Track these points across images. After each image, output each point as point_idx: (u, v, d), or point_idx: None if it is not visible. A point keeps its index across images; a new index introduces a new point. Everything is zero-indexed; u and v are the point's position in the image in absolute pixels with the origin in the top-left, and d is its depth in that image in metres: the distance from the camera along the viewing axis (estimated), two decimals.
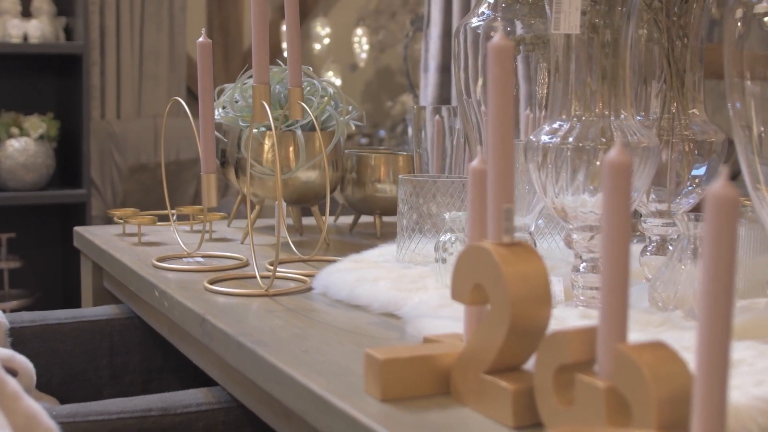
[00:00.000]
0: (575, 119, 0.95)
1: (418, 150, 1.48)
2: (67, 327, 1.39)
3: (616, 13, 0.92)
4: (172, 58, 4.42)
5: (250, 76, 1.49)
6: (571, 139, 0.93)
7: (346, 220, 1.78)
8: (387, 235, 1.60)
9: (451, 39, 2.34)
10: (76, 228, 1.64)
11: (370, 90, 4.77)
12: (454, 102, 2.33)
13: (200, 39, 1.23)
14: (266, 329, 0.95)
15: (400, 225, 1.22)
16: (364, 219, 1.73)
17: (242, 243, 1.49)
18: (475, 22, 1.11)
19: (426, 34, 2.45)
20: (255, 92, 1.10)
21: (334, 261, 1.32)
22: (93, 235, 1.57)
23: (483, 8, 1.11)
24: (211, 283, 1.16)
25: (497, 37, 0.67)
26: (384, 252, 1.26)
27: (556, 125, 0.96)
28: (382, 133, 4.41)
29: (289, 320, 0.98)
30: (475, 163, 0.74)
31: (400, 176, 1.23)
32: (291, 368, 0.81)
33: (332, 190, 1.52)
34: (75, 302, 3.23)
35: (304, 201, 1.50)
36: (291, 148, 1.45)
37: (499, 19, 1.10)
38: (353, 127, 1.58)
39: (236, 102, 1.49)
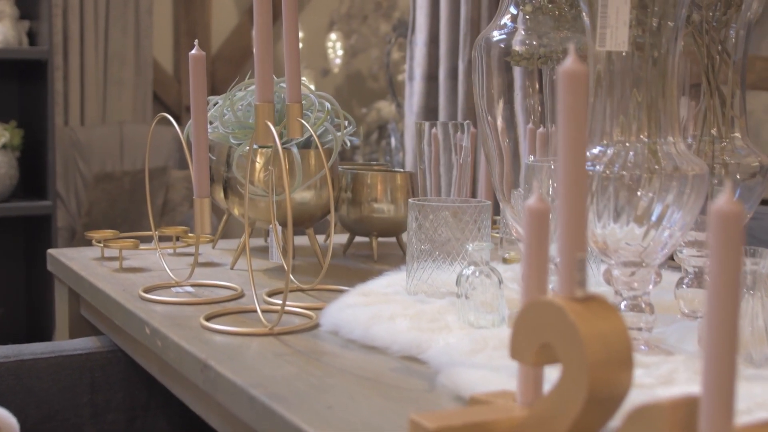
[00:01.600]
0: (619, 144, 0.86)
1: (420, 167, 1.39)
2: (44, 363, 1.28)
3: (665, 29, 0.84)
4: (137, 63, 4.29)
5: (241, 89, 1.39)
6: (616, 167, 0.84)
7: (338, 240, 1.69)
8: (384, 257, 1.51)
9: (438, 46, 2.25)
10: (50, 251, 1.53)
11: (341, 95, 4.67)
12: (441, 113, 2.24)
13: (193, 51, 1.13)
14: (279, 379, 0.85)
15: (410, 252, 1.13)
16: (357, 239, 1.64)
17: (232, 268, 1.39)
18: (496, 35, 1.03)
19: (410, 41, 2.36)
20: (258, 111, 1.01)
21: (336, 290, 1.23)
22: (69, 259, 1.46)
23: (505, 19, 1.03)
24: (208, 319, 1.06)
25: (570, 61, 0.58)
26: (392, 281, 1.17)
27: (596, 151, 0.87)
28: (356, 140, 4.30)
29: (302, 367, 0.89)
30: (533, 201, 0.65)
31: (409, 201, 1.14)
32: (319, 431, 0.71)
33: (328, 211, 1.43)
34: (41, 319, 3.10)
35: (298, 223, 1.40)
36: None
37: (522, 32, 1.02)
38: (348, 143, 1.49)
39: (224, 116, 1.39)
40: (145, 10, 4.26)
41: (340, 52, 4.33)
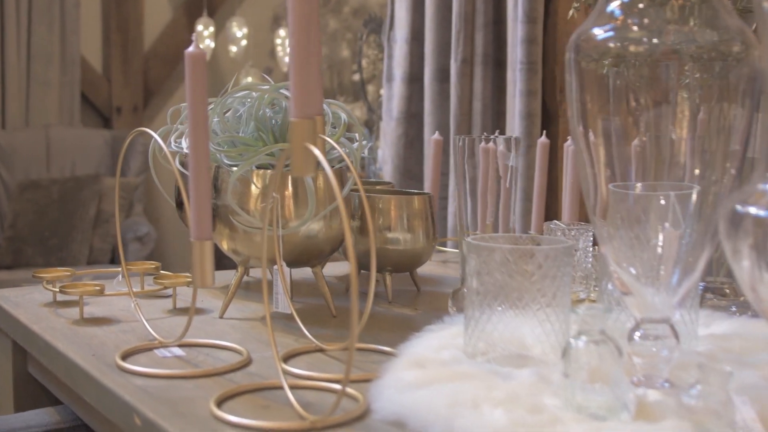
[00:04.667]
0: None
1: (457, 189, 1.16)
2: None
3: None
4: (64, 61, 3.96)
5: (233, 95, 1.13)
6: None
7: (335, 270, 1.44)
8: (398, 296, 1.27)
9: (423, 44, 2.01)
10: None
11: None
12: (427, 119, 2.00)
13: (190, 49, 0.87)
14: None
15: (468, 305, 0.89)
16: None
17: (221, 317, 1.13)
18: (599, 33, 0.79)
19: (389, 37, 2.11)
20: (295, 130, 0.75)
21: (368, 350, 0.98)
22: (14, 305, 1.18)
23: (612, 6, 0.79)
24: (219, 402, 0.80)
25: None
26: (442, 341, 0.92)
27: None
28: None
29: None
30: None
31: (468, 240, 0.89)
32: None
33: (338, 245, 1.18)
34: None
35: (304, 261, 1.14)
36: (287, 193, 1.10)
37: (635, 27, 0.78)
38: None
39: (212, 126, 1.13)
40: (72, 3, 3.93)
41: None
